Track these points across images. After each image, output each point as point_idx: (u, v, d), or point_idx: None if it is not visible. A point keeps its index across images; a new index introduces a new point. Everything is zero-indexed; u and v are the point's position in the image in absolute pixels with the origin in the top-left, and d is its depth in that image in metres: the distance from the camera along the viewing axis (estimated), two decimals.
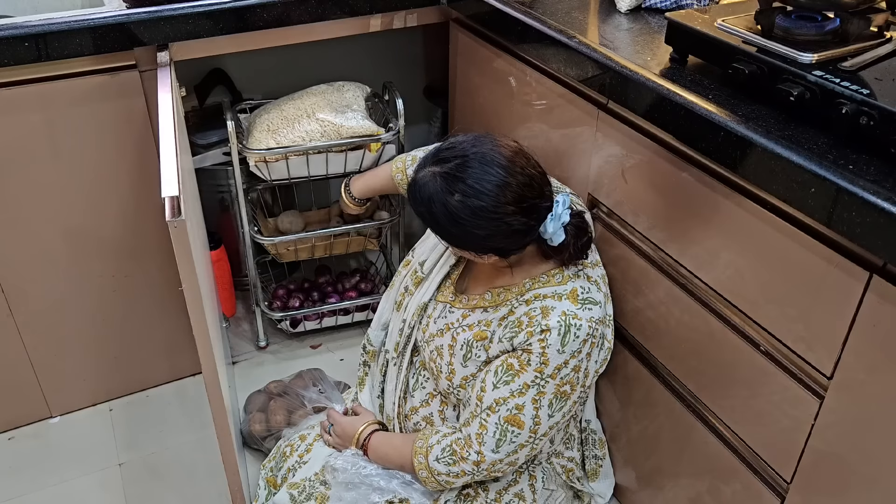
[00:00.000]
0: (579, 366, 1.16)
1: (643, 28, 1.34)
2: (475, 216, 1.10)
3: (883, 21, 1.08)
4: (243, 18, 1.51)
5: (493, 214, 1.10)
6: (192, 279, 1.11)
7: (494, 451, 1.18)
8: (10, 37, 1.35)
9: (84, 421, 1.79)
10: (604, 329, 1.21)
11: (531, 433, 1.17)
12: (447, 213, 1.11)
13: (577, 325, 1.14)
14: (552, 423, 1.18)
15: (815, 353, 0.98)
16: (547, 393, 1.15)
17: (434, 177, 1.12)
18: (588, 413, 1.48)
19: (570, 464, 1.42)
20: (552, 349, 1.13)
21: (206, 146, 1.83)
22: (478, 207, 1.09)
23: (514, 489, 1.34)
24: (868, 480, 0.95)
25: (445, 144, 1.16)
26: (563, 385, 1.16)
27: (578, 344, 1.14)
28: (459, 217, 1.11)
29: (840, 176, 0.85)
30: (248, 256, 1.85)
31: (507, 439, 1.17)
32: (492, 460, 1.18)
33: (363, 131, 1.68)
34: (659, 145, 1.17)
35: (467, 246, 1.17)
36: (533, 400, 1.15)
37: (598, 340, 1.19)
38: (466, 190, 1.09)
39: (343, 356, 1.97)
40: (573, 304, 1.16)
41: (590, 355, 1.18)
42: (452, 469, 1.20)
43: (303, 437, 1.50)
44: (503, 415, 1.17)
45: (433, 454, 1.22)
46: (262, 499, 1.47)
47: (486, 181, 1.09)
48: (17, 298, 1.61)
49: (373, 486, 1.30)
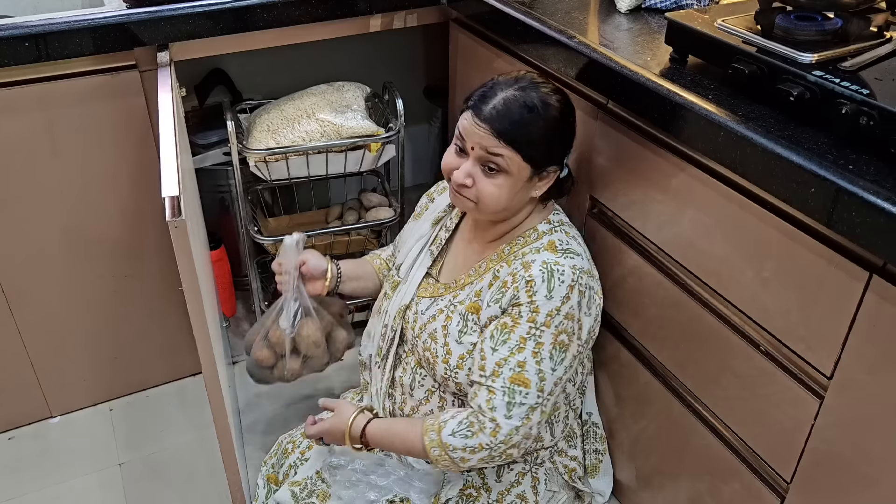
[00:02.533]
0: (572, 314, 1.16)
1: (643, 28, 1.34)
2: (568, 106, 1.18)
3: (883, 21, 1.08)
4: (243, 18, 1.51)
5: (571, 108, 1.19)
6: (192, 279, 1.11)
7: (507, 416, 1.14)
8: (10, 37, 1.35)
9: (84, 421, 1.79)
10: (590, 281, 1.21)
11: (539, 391, 1.15)
12: (555, 111, 1.16)
13: (559, 271, 1.16)
14: (556, 377, 1.17)
15: (815, 353, 0.98)
16: (545, 343, 1.15)
17: (522, 90, 1.15)
18: (589, 406, 1.48)
19: (572, 463, 1.42)
20: (540, 296, 1.15)
21: (206, 146, 1.83)
22: (565, 100, 1.18)
23: (516, 490, 1.34)
24: (868, 480, 0.95)
25: (497, 79, 1.19)
26: (560, 334, 1.16)
27: (565, 289, 1.16)
28: (564, 109, 1.17)
29: (840, 176, 0.85)
30: (248, 256, 1.85)
31: (517, 401, 1.15)
32: (508, 429, 1.14)
33: (363, 131, 1.68)
34: (659, 145, 1.17)
35: (561, 147, 1.20)
36: (533, 353, 1.15)
37: (586, 290, 1.19)
38: (551, 90, 1.17)
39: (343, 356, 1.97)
40: (553, 253, 1.19)
41: (580, 305, 1.18)
42: (469, 443, 1.15)
43: (305, 433, 1.51)
44: (507, 376, 1.15)
45: (447, 429, 1.17)
46: (261, 498, 1.48)
47: (548, 86, 1.18)
48: (17, 298, 1.61)
49: (370, 484, 1.30)
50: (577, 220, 1.42)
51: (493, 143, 1.13)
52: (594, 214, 1.38)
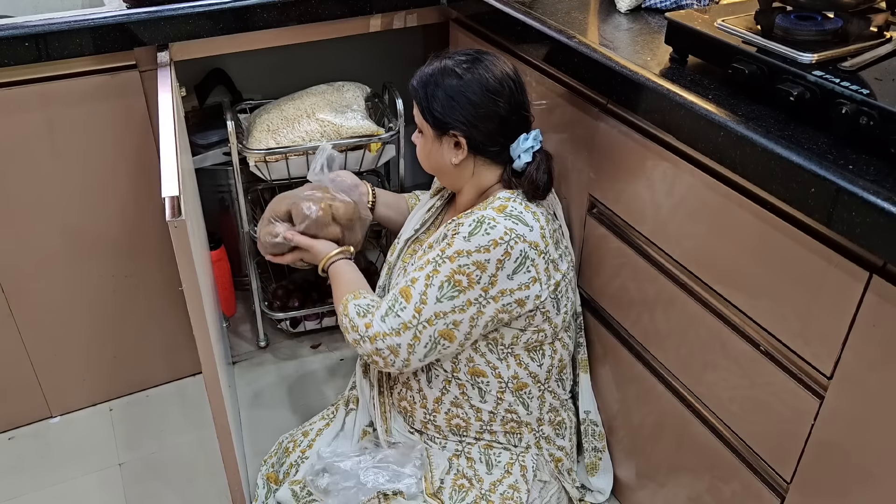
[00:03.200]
0: (484, 265, 1.18)
1: (643, 28, 1.34)
2: (476, 83, 1.22)
3: (883, 21, 1.08)
4: (243, 18, 1.51)
5: (491, 89, 1.22)
6: (192, 279, 1.11)
7: (382, 319, 1.23)
8: (10, 37, 1.35)
9: (84, 421, 1.79)
10: (530, 252, 1.21)
11: (415, 312, 1.21)
12: (452, 81, 1.23)
13: (490, 224, 1.19)
14: (438, 309, 1.20)
15: (815, 352, 0.98)
16: (441, 272, 1.20)
17: (442, 60, 1.26)
18: (587, 403, 1.48)
19: (559, 452, 1.43)
20: (459, 237, 1.20)
21: (206, 146, 1.83)
22: (480, 77, 1.22)
23: (508, 480, 1.35)
24: (868, 481, 0.95)
25: (457, 49, 1.30)
26: (459, 273, 1.19)
27: (487, 241, 1.18)
28: (462, 84, 1.22)
29: (840, 176, 0.85)
30: (248, 256, 1.85)
31: (395, 311, 1.22)
32: (376, 330, 1.22)
33: (363, 131, 1.68)
34: (659, 145, 1.17)
35: (455, 117, 1.23)
36: (427, 276, 1.21)
37: (519, 257, 1.20)
38: (472, 65, 1.23)
39: (343, 356, 1.97)
40: (496, 212, 1.22)
41: (501, 264, 1.19)
42: (355, 321, 1.25)
43: (305, 432, 1.51)
44: (400, 286, 1.25)
45: (358, 301, 1.28)
46: (261, 498, 1.48)
47: (488, 63, 1.24)
48: (17, 298, 1.61)
49: (359, 485, 1.31)
50: (577, 220, 1.42)
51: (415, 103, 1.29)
52: (594, 214, 1.38)
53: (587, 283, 1.45)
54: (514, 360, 1.31)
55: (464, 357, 1.31)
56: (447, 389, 1.34)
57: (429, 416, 1.38)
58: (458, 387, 1.33)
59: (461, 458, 1.37)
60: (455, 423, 1.37)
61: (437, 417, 1.38)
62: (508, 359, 1.31)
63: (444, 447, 1.39)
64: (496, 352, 1.30)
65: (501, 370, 1.31)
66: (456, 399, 1.35)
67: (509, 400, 1.34)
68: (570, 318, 1.37)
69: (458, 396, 1.34)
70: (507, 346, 1.30)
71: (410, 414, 1.41)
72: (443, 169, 1.31)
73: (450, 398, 1.35)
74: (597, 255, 1.39)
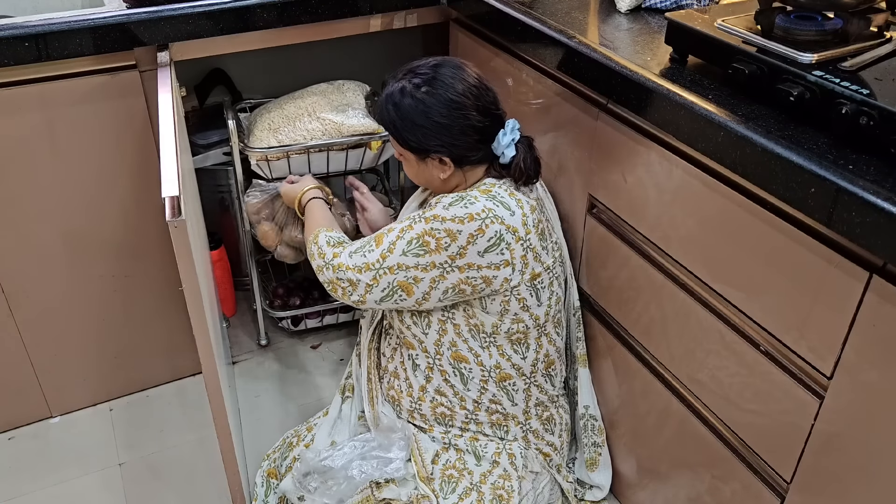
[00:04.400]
0: (455, 235, 1.20)
1: (643, 28, 1.34)
2: (440, 104, 1.22)
3: (883, 21, 1.08)
4: (243, 18, 1.51)
5: (456, 103, 1.22)
6: (192, 279, 1.11)
7: (350, 254, 1.29)
8: (10, 37, 1.35)
9: (84, 421, 1.79)
10: (507, 235, 1.22)
11: (380, 257, 1.25)
12: (416, 107, 1.23)
13: (469, 200, 1.22)
14: (401, 261, 1.23)
15: (815, 352, 0.98)
16: (414, 229, 1.23)
17: (401, 82, 1.25)
18: (586, 398, 1.49)
19: (547, 448, 1.43)
20: (440, 206, 1.23)
21: (206, 146, 1.83)
22: (443, 96, 1.22)
23: (497, 471, 1.36)
24: (868, 480, 0.95)
25: (411, 64, 1.29)
26: (429, 236, 1.22)
27: (463, 213, 1.20)
28: (426, 106, 1.22)
29: (840, 176, 0.85)
30: (248, 256, 1.85)
31: (364, 251, 1.27)
32: (341, 261, 1.28)
33: (364, 129, 1.68)
34: (659, 145, 1.17)
35: (430, 141, 1.24)
36: (401, 229, 1.25)
37: (494, 237, 1.21)
38: (433, 83, 1.23)
39: (343, 356, 1.97)
40: (479, 193, 1.24)
41: (473, 240, 1.20)
42: (324, 248, 1.32)
43: (310, 427, 1.52)
44: (376, 233, 1.29)
45: (331, 234, 1.35)
46: (261, 497, 1.48)
47: (449, 76, 1.24)
48: (17, 298, 1.61)
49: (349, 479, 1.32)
50: (577, 220, 1.42)
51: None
52: (594, 214, 1.38)
53: (587, 282, 1.45)
54: (496, 349, 1.32)
55: (446, 341, 1.32)
56: (430, 377, 1.36)
57: (415, 405, 1.40)
58: (440, 373, 1.35)
59: (449, 451, 1.38)
60: (440, 411, 1.38)
61: (422, 406, 1.39)
62: (490, 348, 1.32)
63: (433, 438, 1.39)
64: (478, 339, 1.31)
65: (483, 358, 1.33)
66: (440, 387, 1.36)
67: (493, 390, 1.35)
68: (556, 312, 1.36)
69: (441, 384, 1.36)
70: (489, 335, 1.31)
71: (398, 402, 1.42)
72: (433, 183, 1.32)
73: (433, 386, 1.36)
74: (597, 255, 1.39)
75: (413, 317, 1.34)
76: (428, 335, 1.34)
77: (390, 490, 1.32)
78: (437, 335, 1.33)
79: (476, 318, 1.30)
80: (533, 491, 1.40)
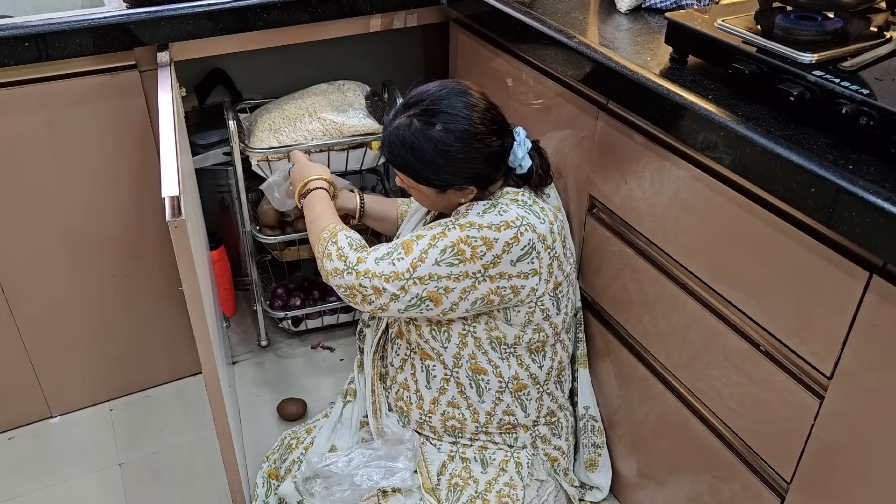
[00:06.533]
0: (491, 243, 1.18)
1: (643, 28, 1.34)
2: (459, 140, 1.18)
3: (883, 21, 1.08)
4: (243, 18, 1.51)
5: (474, 135, 1.18)
6: (192, 279, 1.11)
7: (376, 261, 1.22)
8: (10, 37, 1.34)
9: (84, 421, 1.79)
10: (538, 244, 1.22)
11: (411, 266, 1.19)
12: (434, 147, 1.18)
13: (502, 207, 1.21)
14: (433, 271, 1.19)
15: (815, 352, 0.98)
16: (447, 236, 1.19)
17: (410, 119, 1.20)
18: (586, 399, 1.49)
19: (555, 452, 1.43)
20: (473, 212, 1.21)
21: (206, 146, 1.83)
22: (460, 131, 1.18)
23: (503, 479, 1.35)
24: (868, 481, 0.95)
25: (410, 95, 1.24)
26: (465, 243, 1.18)
27: (500, 221, 1.19)
28: (446, 145, 1.18)
29: (840, 176, 0.85)
30: (248, 256, 1.85)
31: (393, 258, 1.21)
32: (366, 266, 1.21)
33: (365, 129, 1.68)
34: (659, 145, 1.17)
35: (454, 177, 1.21)
36: (433, 237, 1.20)
37: (526, 245, 1.20)
38: (446, 118, 1.18)
39: (343, 356, 1.97)
40: (508, 200, 1.23)
41: (509, 248, 1.19)
42: (344, 251, 1.24)
43: (309, 429, 1.52)
44: (404, 238, 1.24)
45: (350, 234, 1.28)
46: (261, 497, 1.48)
47: (460, 107, 1.19)
48: (17, 298, 1.61)
49: (354, 486, 1.32)
50: (577, 220, 1.42)
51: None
52: (593, 214, 1.38)
53: (587, 283, 1.45)
54: (515, 360, 1.31)
55: (466, 353, 1.31)
56: (445, 388, 1.35)
57: (424, 417, 1.39)
58: (456, 385, 1.33)
59: (456, 460, 1.37)
60: (451, 424, 1.37)
61: (432, 418, 1.38)
62: (510, 359, 1.31)
63: (440, 449, 1.39)
64: (498, 350, 1.30)
65: (503, 369, 1.31)
66: (453, 399, 1.35)
67: (507, 401, 1.34)
68: (570, 318, 1.37)
69: (455, 396, 1.34)
70: (511, 346, 1.30)
71: (406, 414, 1.41)
72: (452, 207, 1.28)
73: (447, 398, 1.35)
74: (597, 256, 1.39)
75: (432, 330, 1.32)
76: (447, 348, 1.32)
77: (396, 500, 1.31)
78: (457, 348, 1.31)
79: (498, 329, 1.29)
80: (538, 498, 1.39)
